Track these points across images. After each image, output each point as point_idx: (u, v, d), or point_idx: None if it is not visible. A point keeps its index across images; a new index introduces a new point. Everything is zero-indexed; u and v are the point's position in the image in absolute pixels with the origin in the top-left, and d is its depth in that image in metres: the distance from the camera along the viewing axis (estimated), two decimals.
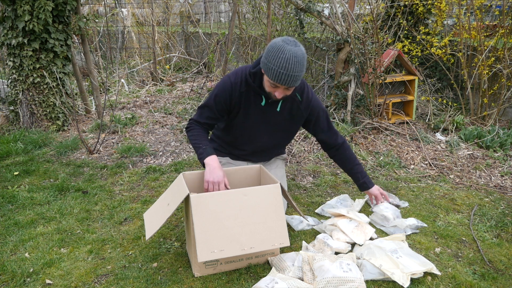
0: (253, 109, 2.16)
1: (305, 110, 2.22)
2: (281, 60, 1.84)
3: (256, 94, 2.13)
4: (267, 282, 1.77)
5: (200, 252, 1.74)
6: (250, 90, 2.12)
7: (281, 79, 1.89)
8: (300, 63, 1.87)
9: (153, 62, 6.20)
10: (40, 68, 3.92)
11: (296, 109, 2.21)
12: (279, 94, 1.99)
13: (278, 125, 2.25)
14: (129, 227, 2.37)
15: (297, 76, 1.89)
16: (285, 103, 2.18)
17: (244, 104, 2.15)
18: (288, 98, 2.14)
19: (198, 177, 2.11)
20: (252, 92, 2.12)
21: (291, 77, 1.87)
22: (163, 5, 7.29)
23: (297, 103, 2.20)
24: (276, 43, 1.88)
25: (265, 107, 2.16)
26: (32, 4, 3.67)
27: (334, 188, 2.91)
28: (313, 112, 2.24)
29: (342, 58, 3.79)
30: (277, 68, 1.86)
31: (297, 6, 3.79)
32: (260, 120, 2.20)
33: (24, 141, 3.71)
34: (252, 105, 2.15)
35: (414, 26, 4.69)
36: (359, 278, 1.80)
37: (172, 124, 4.28)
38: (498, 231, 2.36)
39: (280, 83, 1.91)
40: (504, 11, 3.92)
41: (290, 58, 1.83)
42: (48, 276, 1.94)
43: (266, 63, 1.91)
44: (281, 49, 1.85)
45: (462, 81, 4.35)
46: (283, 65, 1.84)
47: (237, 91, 2.11)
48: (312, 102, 2.23)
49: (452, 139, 3.68)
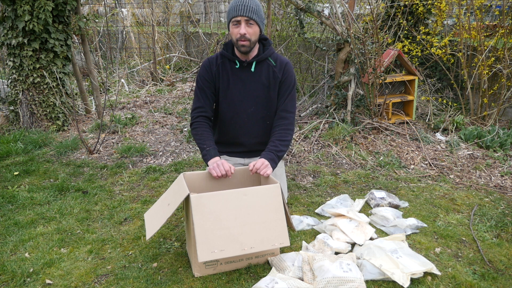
0: (231, 75, 2.31)
1: (279, 72, 2.33)
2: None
3: (230, 61, 2.31)
4: (267, 282, 1.77)
5: (201, 252, 1.74)
6: (226, 60, 2.32)
7: (238, 10, 2.11)
8: (255, 1, 2.13)
9: (153, 62, 6.20)
10: (40, 68, 3.92)
11: (272, 73, 2.32)
12: (242, 30, 2.14)
13: (257, 89, 2.33)
14: (129, 227, 2.37)
15: (252, 8, 2.12)
16: (260, 67, 2.31)
17: (222, 73, 2.32)
18: (262, 62, 2.30)
19: (198, 178, 2.12)
20: (228, 61, 2.31)
21: (246, 7, 2.11)
22: (163, 5, 7.29)
23: (272, 67, 2.33)
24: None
25: (239, 70, 2.30)
26: (32, 4, 3.67)
27: (334, 188, 2.91)
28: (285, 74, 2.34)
29: (342, 58, 3.79)
30: (234, 4, 2.13)
31: (297, 6, 3.79)
32: (238, 84, 2.31)
33: (24, 141, 3.71)
34: (229, 71, 2.31)
35: (414, 26, 4.69)
36: (359, 278, 1.80)
37: (172, 124, 4.28)
38: (498, 231, 2.36)
39: (238, 13, 2.11)
40: (504, 11, 3.92)
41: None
42: (48, 276, 1.94)
43: (228, 10, 2.19)
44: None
45: (462, 81, 4.35)
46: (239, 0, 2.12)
47: (214, 64, 2.32)
48: (287, 66, 2.34)
49: (452, 139, 3.68)
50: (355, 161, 3.37)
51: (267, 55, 2.31)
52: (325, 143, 3.65)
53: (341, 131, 3.62)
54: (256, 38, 2.22)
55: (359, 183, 3.00)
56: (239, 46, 2.19)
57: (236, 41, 2.19)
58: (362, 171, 3.19)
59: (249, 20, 2.14)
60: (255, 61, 2.28)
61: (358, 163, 3.34)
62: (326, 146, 3.62)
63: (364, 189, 2.90)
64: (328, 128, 3.82)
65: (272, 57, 2.35)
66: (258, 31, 2.21)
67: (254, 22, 2.15)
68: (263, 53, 2.30)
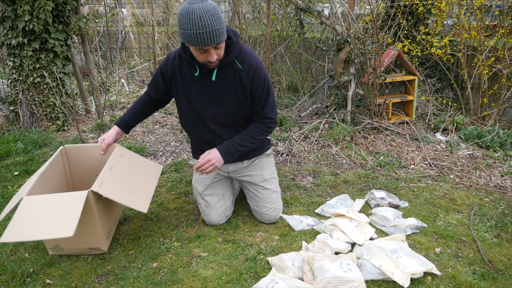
0: (190, 82, 2.06)
1: (247, 80, 2.02)
2: (194, 21, 1.72)
3: (190, 65, 2.03)
4: (267, 282, 1.77)
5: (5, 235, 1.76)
6: (184, 63, 2.05)
7: (204, 39, 1.76)
8: (214, 15, 1.74)
9: (153, 62, 6.20)
10: (40, 68, 3.92)
11: (239, 79, 2.02)
12: (212, 57, 1.85)
13: (218, 97, 2.07)
14: (129, 227, 2.37)
15: (217, 30, 1.76)
16: (223, 72, 2.01)
17: (181, 77, 2.08)
18: (227, 66, 2.00)
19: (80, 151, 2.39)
20: (186, 65, 2.04)
21: (211, 33, 1.75)
22: (163, 5, 7.29)
23: (238, 72, 2.01)
24: (183, 8, 1.75)
25: (199, 78, 2.04)
26: (32, 4, 3.67)
27: (334, 188, 2.91)
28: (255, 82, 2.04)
29: (342, 58, 3.79)
30: (194, 31, 1.73)
31: (297, 6, 3.79)
32: (198, 92, 2.07)
33: (24, 141, 3.71)
34: (188, 77, 2.06)
35: (414, 26, 4.69)
36: (359, 278, 1.80)
37: (172, 124, 4.28)
38: (498, 231, 2.36)
39: (205, 44, 1.77)
40: (504, 11, 3.92)
41: (202, 15, 1.72)
42: (48, 276, 1.94)
43: (182, 32, 1.77)
44: (189, 11, 1.73)
45: (462, 81, 4.35)
46: (198, 24, 1.72)
47: (170, 67, 2.08)
48: (256, 71, 2.02)
49: (452, 139, 3.68)
50: (355, 161, 3.38)
51: (232, 58, 1.98)
52: (325, 143, 3.65)
53: (341, 131, 3.62)
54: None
55: (359, 183, 3.00)
56: (206, 65, 1.94)
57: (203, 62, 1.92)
58: (362, 171, 3.19)
59: (218, 44, 1.83)
60: (216, 67, 1.98)
61: (358, 163, 3.34)
62: (326, 146, 3.62)
63: (364, 189, 2.90)
64: (328, 128, 3.83)
65: (238, 59, 2.01)
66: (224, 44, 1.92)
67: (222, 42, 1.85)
68: (226, 57, 1.97)
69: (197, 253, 2.10)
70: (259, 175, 2.36)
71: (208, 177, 2.35)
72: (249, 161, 2.35)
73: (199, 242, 2.21)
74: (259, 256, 2.07)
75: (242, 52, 2.02)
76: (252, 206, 2.43)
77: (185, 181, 2.99)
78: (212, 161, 2.07)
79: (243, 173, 2.36)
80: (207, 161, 2.07)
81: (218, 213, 2.35)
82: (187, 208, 2.60)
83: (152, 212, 2.53)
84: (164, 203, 2.65)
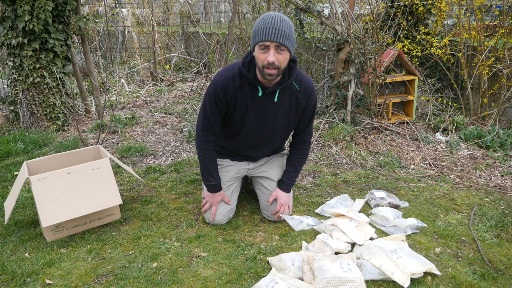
0: (251, 102, 2.10)
1: (303, 99, 2.16)
2: (267, 19, 1.86)
3: (251, 86, 2.07)
4: (267, 282, 1.77)
5: (44, 220, 2.09)
6: (245, 83, 2.06)
7: (268, 33, 1.83)
8: (287, 22, 1.87)
9: (153, 62, 6.20)
10: (40, 68, 3.92)
11: (295, 99, 2.14)
12: (271, 57, 1.88)
13: (277, 117, 2.17)
14: (129, 227, 2.37)
15: (284, 31, 1.84)
16: (283, 94, 2.11)
17: (241, 98, 2.08)
18: (286, 88, 2.10)
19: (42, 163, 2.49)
20: (247, 85, 2.07)
21: (278, 30, 1.83)
22: (163, 5, 7.29)
23: (295, 93, 2.13)
24: (261, 15, 1.93)
25: (262, 99, 2.09)
26: (32, 4, 3.67)
27: (334, 188, 2.91)
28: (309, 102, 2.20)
29: (342, 58, 3.79)
30: (263, 25, 1.85)
31: (297, 6, 3.79)
32: (258, 112, 2.13)
33: (24, 141, 3.71)
34: (249, 98, 2.09)
35: (414, 26, 4.69)
36: (359, 278, 1.80)
37: (172, 124, 4.28)
38: (498, 231, 2.36)
39: (269, 38, 1.84)
40: (504, 11, 3.92)
41: (276, 17, 1.86)
42: (48, 276, 1.94)
43: (254, 31, 1.91)
44: (267, 14, 1.90)
45: (462, 81, 4.35)
46: (269, 21, 1.85)
47: (232, 87, 2.06)
48: (311, 92, 2.19)
49: (452, 139, 3.68)
50: (355, 161, 3.38)
51: (292, 80, 2.08)
52: (325, 143, 3.65)
53: (341, 131, 3.62)
54: (286, 65, 1.97)
55: (359, 183, 3.00)
56: (264, 73, 1.95)
57: (261, 67, 1.94)
58: (362, 171, 3.19)
59: (280, 46, 1.87)
60: (279, 89, 2.07)
61: (358, 163, 3.34)
62: (326, 146, 3.62)
63: (364, 189, 2.90)
64: (328, 128, 3.83)
65: (297, 80, 2.11)
66: (288, 56, 1.96)
67: (285, 48, 1.88)
68: (288, 80, 2.06)
69: (197, 253, 2.11)
70: (275, 172, 2.48)
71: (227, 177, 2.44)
72: (268, 158, 2.53)
73: (199, 242, 2.21)
74: (259, 256, 2.07)
75: (300, 74, 2.15)
76: (262, 204, 2.47)
77: (185, 181, 2.99)
78: (284, 204, 2.40)
79: (260, 169, 2.50)
80: (281, 206, 2.38)
81: (223, 213, 2.38)
82: (187, 208, 2.60)
83: (152, 212, 2.53)
84: (164, 203, 2.65)
